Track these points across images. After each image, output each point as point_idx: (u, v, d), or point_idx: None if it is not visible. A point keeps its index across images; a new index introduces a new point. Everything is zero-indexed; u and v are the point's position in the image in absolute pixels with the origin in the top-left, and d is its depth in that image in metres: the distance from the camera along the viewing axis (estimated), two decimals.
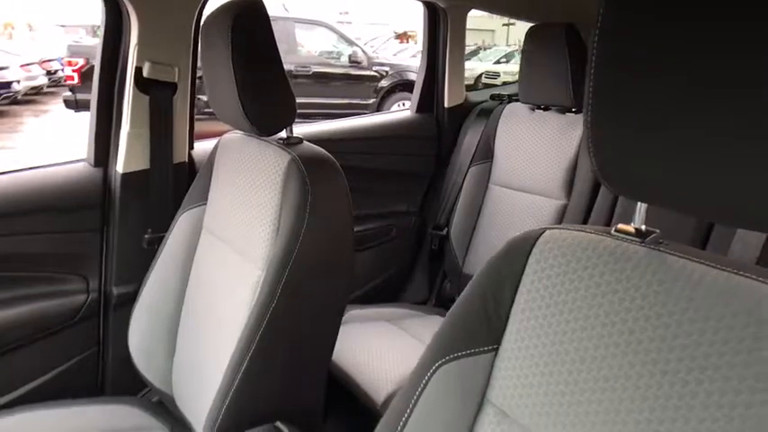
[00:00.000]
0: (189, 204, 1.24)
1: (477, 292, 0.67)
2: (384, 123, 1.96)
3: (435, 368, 0.66)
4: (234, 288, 1.04)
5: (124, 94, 1.32)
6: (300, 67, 8.21)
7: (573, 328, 0.58)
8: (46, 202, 1.31)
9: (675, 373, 0.50)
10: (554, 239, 0.62)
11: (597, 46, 0.48)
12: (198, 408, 1.04)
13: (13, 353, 1.29)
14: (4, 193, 1.27)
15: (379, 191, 1.91)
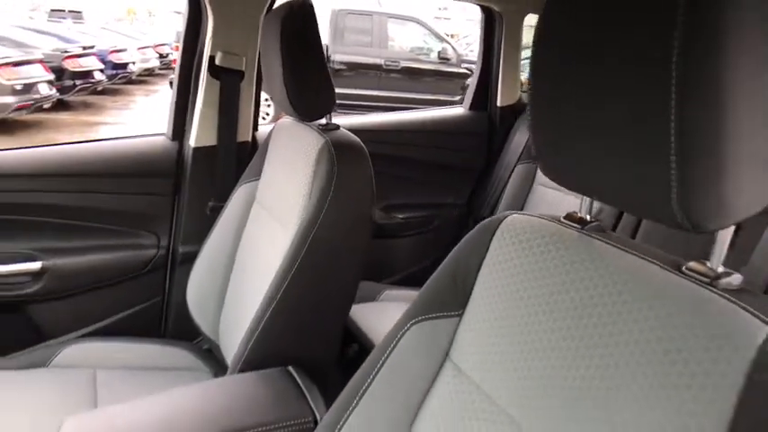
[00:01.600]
0: (246, 179, 1.40)
1: (451, 263, 0.76)
2: (437, 118, 2.06)
3: (409, 326, 0.76)
4: (270, 250, 1.19)
5: (199, 79, 1.52)
6: (390, 62, 8.39)
7: (521, 298, 0.66)
8: (130, 167, 1.54)
9: (587, 338, 0.57)
10: (514, 223, 0.71)
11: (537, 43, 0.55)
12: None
13: (92, 292, 1.53)
14: (98, 157, 1.51)
15: (425, 182, 2.01)
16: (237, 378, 1.02)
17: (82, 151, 1.54)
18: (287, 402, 0.94)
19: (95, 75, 8.61)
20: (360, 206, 1.10)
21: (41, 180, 1.45)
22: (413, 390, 0.75)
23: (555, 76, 0.54)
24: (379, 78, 8.39)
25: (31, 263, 1.46)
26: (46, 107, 7.31)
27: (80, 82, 8.26)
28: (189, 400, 0.95)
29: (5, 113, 6.39)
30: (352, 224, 1.10)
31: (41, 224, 1.48)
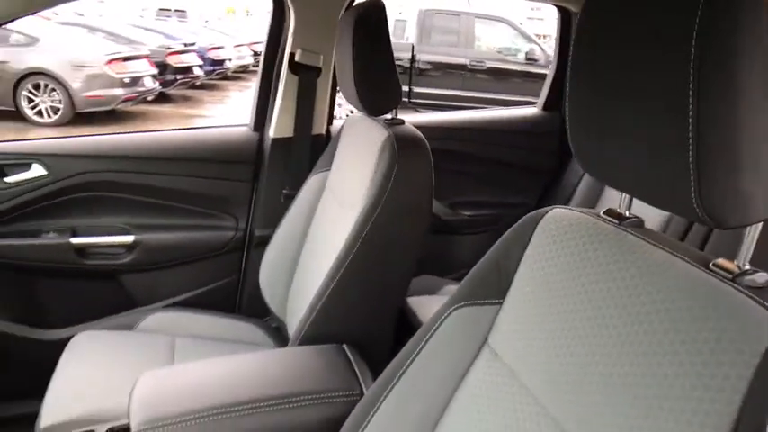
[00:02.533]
0: (318, 169, 1.49)
1: (494, 253, 0.80)
2: (509, 117, 2.07)
3: (451, 311, 0.80)
4: (335, 235, 1.27)
5: (280, 75, 1.63)
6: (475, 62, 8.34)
7: (558, 288, 0.68)
8: (216, 154, 1.68)
9: (620, 329, 0.59)
10: (556, 216, 0.73)
11: (576, 45, 0.58)
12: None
13: (176, 267, 1.69)
14: (187, 144, 1.66)
15: (495, 181, 2.02)
16: (294, 350, 1.11)
17: (173, 138, 1.69)
18: (337, 375, 1.01)
19: (194, 70, 9.18)
20: (418, 198, 1.15)
21: (138, 162, 1.62)
22: (450, 371, 0.79)
23: (590, 73, 0.57)
24: (464, 78, 8.37)
25: (125, 236, 1.64)
26: (149, 99, 7.92)
27: (180, 77, 8.85)
28: (248, 364, 1.05)
29: (114, 104, 6.98)
30: (409, 214, 1.15)
31: (136, 202, 1.65)
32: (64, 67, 6.63)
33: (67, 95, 6.65)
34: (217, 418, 0.88)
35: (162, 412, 0.87)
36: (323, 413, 0.93)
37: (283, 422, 0.91)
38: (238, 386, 0.95)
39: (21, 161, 1.55)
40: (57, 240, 1.59)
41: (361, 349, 1.12)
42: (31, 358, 1.51)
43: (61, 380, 1.21)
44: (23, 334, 1.59)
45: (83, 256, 1.63)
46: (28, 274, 1.61)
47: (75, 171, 1.58)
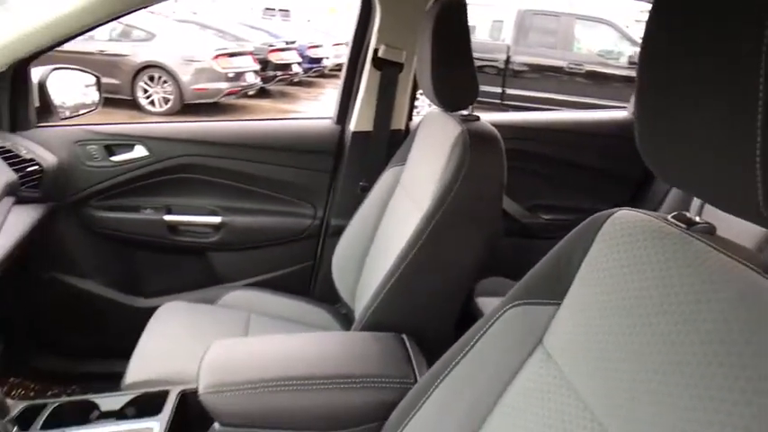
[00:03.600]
0: (394, 163, 1.52)
1: (556, 254, 0.78)
2: (596, 121, 1.99)
3: (507, 308, 0.80)
4: (403, 229, 1.29)
5: (364, 70, 1.67)
6: (573, 65, 8.06)
7: (618, 291, 0.66)
8: (299, 145, 1.76)
9: (681, 336, 0.57)
10: (622, 218, 0.71)
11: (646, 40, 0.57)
12: None
13: (257, 249, 1.79)
14: (274, 134, 1.76)
15: (578, 185, 1.96)
16: (355, 334, 1.14)
17: (262, 128, 1.79)
18: (393, 362, 1.03)
19: (293, 67, 9.56)
20: (487, 196, 1.15)
21: (229, 149, 1.73)
22: (502, 369, 0.79)
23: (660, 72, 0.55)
24: (560, 81, 8.11)
25: (214, 217, 1.76)
26: (250, 94, 8.33)
27: (280, 73, 9.25)
28: (311, 343, 1.09)
29: (218, 97, 7.43)
30: (477, 212, 1.15)
31: (224, 186, 1.76)
32: (176, 60, 7.16)
33: (178, 87, 7.16)
34: (275, 389, 0.93)
35: (226, 379, 0.93)
36: (376, 397, 0.96)
37: (337, 401, 0.95)
38: (299, 362, 1.00)
39: (126, 142, 1.70)
40: (153, 216, 1.74)
41: (419, 340, 1.13)
42: (122, 322, 1.66)
43: (146, 344, 1.32)
44: (119, 299, 1.76)
45: (174, 233, 1.76)
46: (126, 246, 1.77)
47: (173, 154, 1.71)
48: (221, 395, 0.91)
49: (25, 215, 1.47)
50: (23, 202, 1.48)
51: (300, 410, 0.94)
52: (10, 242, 1.32)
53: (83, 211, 1.71)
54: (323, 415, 0.95)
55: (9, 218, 1.36)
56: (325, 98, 9.94)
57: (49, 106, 1.65)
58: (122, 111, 6.79)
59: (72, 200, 1.68)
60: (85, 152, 1.67)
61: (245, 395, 0.92)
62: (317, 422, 0.94)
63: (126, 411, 1.05)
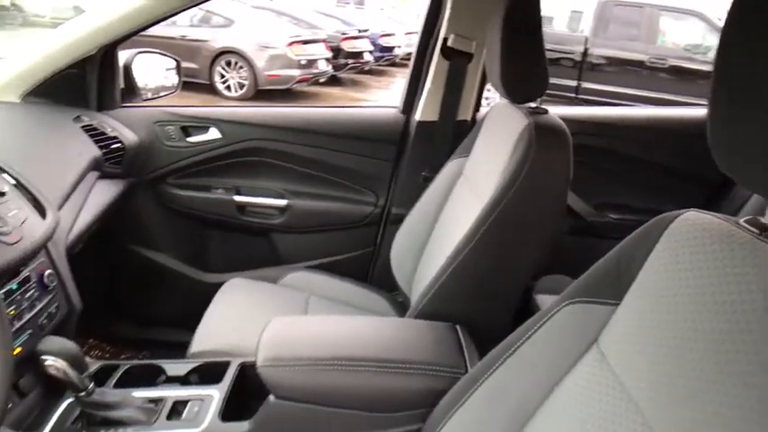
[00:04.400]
0: (457, 154, 1.51)
1: (617, 253, 0.76)
2: (676, 118, 1.89)
3: (563, 305, 0.79)
4: (463, 221, 1.28)
5: (432, 60, 1.67)
6: (656, 59, 7.66)
7: (680, 295, 0.64)
8: (364, 133, 1.78)
9: (743, 353, 0.54)
10: (689, 220, 0.68)
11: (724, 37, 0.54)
12: None
13: (319, 233, 1.83)
14: (341, 121, 1.79)
15: (650, 185, 1.88)
16: (409, 321, 1.15)
17: (329, 115, 1.83)
18: (445, 351, 1.03)
19: (365, 56, 9.62)
20: (551, 191, 1.12)
21: (297, 134, 1.78)
22: (554, 365, 0.78)
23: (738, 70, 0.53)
24: (640, 76, 7.73)
25: (280, 200, 1.82)
26: (321, 81, 8.47)
27: (352, 61, 9.33)
28: (365, 326, 1.12)
29: (290, 84, 7.60)
30: (539, 207, 1.13)
31: (291, 170, 1.81)
32: (252, 47, 7.37)
33: (252, 73, 7.38)
34: (329, 368, 0.96)
35: (283, 354, 0.97)
36: (426, 384, 0.97)
37: (388, 384, 0.96)
38: (354, 344, 1.02)
39: (202, 125, 1.79)
40: (223, 196, 1.82)
41: (473, 332, 1.13)
42: (190, 295, 1.75)
43: (211, 317, 1.39)
44: (188, 273, 1.86)
45: (242, 213, 1.84)
46: (198, 223, 1.86)
47: (245, 137, 1.78)
48: (278, 369, 0.95)
49: (107, 189, 1.57)
50: (106, 177, 1.59)
51: (352, 390, 0.96)
52: (93, 214, 1.42)
53: (159, 188, 1.81)
54: (373, 397, 0.97)
55: (93, 191, 1.46)
56: (395, 87, 9.95)
57: (132, 88, 1.75)
58: (199, 94, 7.09)
59: (150, 177, 1.79)
60: (164, 132, 1.77)
61: (300, 371, 0.95)
62: (366, 403, 0.97)
63: (190, 378, 1.11)
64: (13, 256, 0.96)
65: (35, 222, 1.06)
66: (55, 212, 1.15)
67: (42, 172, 1.23)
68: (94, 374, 1.07)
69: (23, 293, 1.02)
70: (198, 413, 0.99)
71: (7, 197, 1.03)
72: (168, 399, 1.02)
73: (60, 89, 1.58)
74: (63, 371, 0.93)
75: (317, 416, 0.96)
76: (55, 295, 1.11)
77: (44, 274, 1.08)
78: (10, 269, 0.97)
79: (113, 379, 1.09)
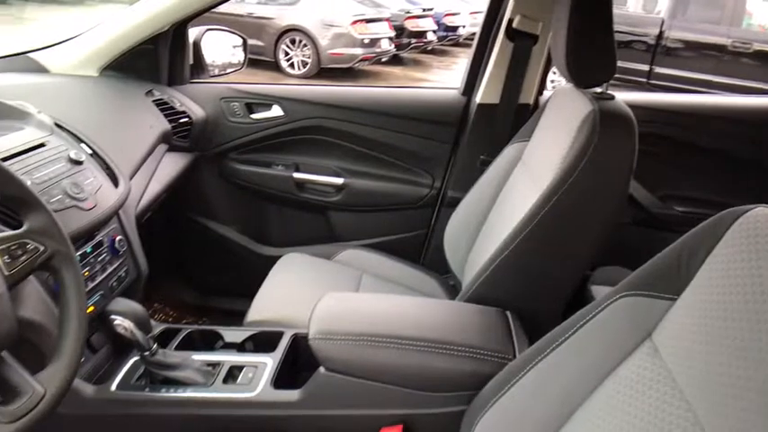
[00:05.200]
0: (517, 138, 1.49)
1: (678, 246, 0.73)
2: (752, 107, 1.78)
3: (618, 297, 0.77)
4: (519, 207, 1.27)
5: (496, 41, 1.63)
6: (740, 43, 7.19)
7: (742, 294, 0.62)
8: (423, 114, 1.77)
9: None
10: (757, 217, 0.65)
11: None
12: None
13: (374, 213, 1.86)
14: (399, 101, 1.79)
15: (720, 178, 1.78)
16: (460, 305, 1.16)
17: (389, 95, 1.83)
18: (493, 336, 1.03)
19: (428, 35, 9.50)
20: (612, 180, 1.09)
21: (356, 113, 1.79)
22: (604, 356, 0.76)
23: None
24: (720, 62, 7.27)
25: (336, 178, 1.85)
26: (383, 60, 8.45)
27: (414, 41, 9.24)
28: (417, 306, 1.13)
29: (352, 63, 7.62)
30: (598, 197, 1.09)
31: (349, 149, 1.84)
32: (316, 25, 7.43)
33: (316, 51, 7.45)
34: (378, 344, 0.98)
35: (334, 328, 1.00)
36: (473, 367, 0.97)
37: (435, 364, 0.98)
38: (404, 322, 1.04)
39: (265, 102, 1.83)
40: (283, 173, 1.87)
41: (523, 319, 1.12)
42: (249, 266, 1.82)
43: (267, 289, 1.44)
44: (247, 246, 1.93)
45: (301, 190, 1.88)
46: (258, 198, 1.92)
47: (306, 115, 1.81)
48: (328, 342, 0.98)
49: (175, 162, 1.65)
50: (174, 150, 1.66)
51: (399, 368, 0.98)
52: (161, 185, 1.49)
53: (223, 162, 1.88)
54: (419, 375, 0.98)
55: (162, 163, 1.53)
56: (457, 67, 9.79)
57: (201, 64, 1.82)
58: (264, 72, 7.23)
59: (214, 151, 1.85)
60: (229, 108, 1.83)
61: (349, 345, 0.98)
62: (412, 381, 0.98)
63: (245, 345, 1.16)
64: (88, 222, 1.03)
65: (108, 190, 1.12)
66: (127, 182, 1.21)
67: (116, 143, 1.30)
68: (158, 336, 1.13)
69: (96, 257, 1.09)
70: (252, 379, 1.04)
71: (84, 166, 1.10)
72: (225, 363, 1.08)
73: (134, 64, 1.65)
74: (130, 330, 0.99)
75: (364, 390, 0.99)
76: (125, 260, 1.18)
77: (115, 239, 1.15)
78: (85, 234, 1.04)
79: (175, 341, 1.15)
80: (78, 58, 1.57)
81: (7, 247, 0.73)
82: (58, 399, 0.73)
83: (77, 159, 1.08)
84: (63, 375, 0.75)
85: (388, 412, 1.00)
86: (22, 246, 0.75)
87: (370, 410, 1.00)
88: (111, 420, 1.01)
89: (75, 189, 1.03)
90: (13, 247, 0.73)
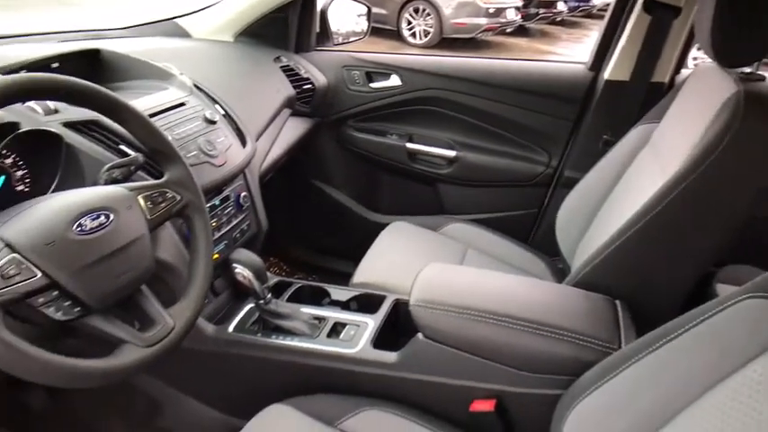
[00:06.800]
0: (647, 119, 1.38)
1: None
2: None
3: (743, 297, 0.71)
4: (644, 190, 1.17)
5: (631, 13, 1.52)
6: None
7: None
8: (544, 88, 1.71)
9: None
10: None
11: None
12: None
13: (485, 188, 1.84)
14: (519, 74, 1.74)
15: None
16: (567, 288, 1.12)
17: (509, 67, 1.78)
18: (600, 324, 1.00)
19: (558, 5, 9.03)
20: (751, 171, 0.99)
21: (473, 85, 1.77)
22: (719, 360, 0.71)
23: None
24: None
25: (449, 150, 1.85)
26: (508, 31, 8.16)
27: (543, 11, 8.83)
28: (521, 285, 1.11)
29: (475, 33, 7.45)
30: (733, 186, 1.00)
31: (463, 121, 1.82)
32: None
33: (439, 20, 7.36)
34: (478, 318, 0.98)
35: (435, 297, 1.02)
36: (575, 352, 0.95)
37: (536, 345, 0.96)
38: (507, 300, 1.03)
39: (384, 71, 1.86)
40: (396, 142, 1.90)
41: (633, 310, 1.07)
42: (358, 231, 1.88)
43: (374, 253, 1.49)
44: (358, 211, 2.00)
45: (412, 160, 1.90)
46: (370, 165, 1.98)
47: (423, 86, 1.82)
48: (428, 310, 1.00)
49: (297, 126, 1.73)
50: (296, 115, 1.74)
51: (498, 344, 0.98)
52: (283, 148, 1.58)
53: (340, 129, 1.94)
54: (518, 354, 0.97)
55: (285, 127, 1.62)
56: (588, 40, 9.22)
57: (326, 32, 1.88)
58: (384, 40, 7.28)
59: (333, 118, 1.92)
60: (350, 76, 1.88)
61: (449, 316, 0.99)
62: (510, 359, 0.98)
63: (350, 304, 1.22)
64: (218, 177, 1.12)
65: (237, 149, 1.21)
66: (253, 142, 1.30)
67: (246, 105, 1.40)
68: (272, 287, 1.22)
69: (223, 210, 1.19)
70: (353, 336, 1.09)
71: (217, 125, 1.19)
72: (330, 319, 1.14)
73: (265, 31, 1.74)
74: (249, 279, 1.08)
75: (460, 361, 1.00)
76: (247, 215, 1.27)
77: (240, 195, 1.25)
78: (215, 188, 1.14)
79: (287, 294, 1.23)
80: (216, 25, 1.69)
81: (150, 195, 0.82)
82: (185, 332, 0.82)
83: (212, 119, 1.18)
84: (190, 312, 0.83)
85: (481, 385, 1.00)
86: (162, 194, 0.84)
87: (463, 381, 1.01)
88: (225, 358, 1.11)
89: (208, 146, 1.12)
90: (154, 195, 0.82)
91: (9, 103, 0.71)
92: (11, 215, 0.70)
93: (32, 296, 0.65)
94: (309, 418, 0.96)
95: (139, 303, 0.79)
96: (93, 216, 0.72)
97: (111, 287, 0.73)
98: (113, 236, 0.74)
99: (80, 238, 0.70)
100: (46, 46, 1.23)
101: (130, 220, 0.77)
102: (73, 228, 0.70)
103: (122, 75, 1.23)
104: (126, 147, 0.97)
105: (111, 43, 1.32)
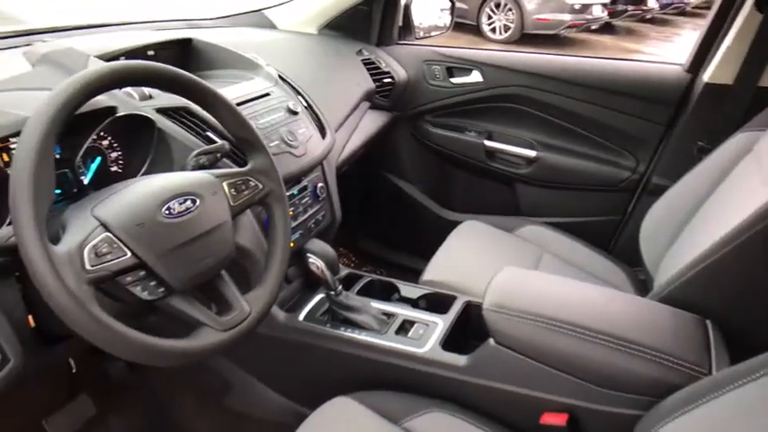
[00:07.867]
0: (750, 126, 1.27)
1: None
2: None
3: None
4: (744, 204, 1.07)
5: (741, 10, 1.40)
6: None
7: None
8: (635, 89, 1.61)
9: None
10: None
11: None
12: None
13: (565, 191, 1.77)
14: (608, 74, 1.65)
15: None
16: (652, 303, 1.05)
17: (597, 66, 1.70)
18: (688, 345, 0.93)
19: (649, 2, 8.58)
20: None
21: (558, 84, 1.70)
22: None
23: None
24: None
25: (529, 150, 1.79)
26: (593, 28, 7.84)
27: (632, 8, 8.41)
28: (603, 296, 1.05)
29: (559, 29, 7.20)
30: None
31: (545, 121, 1.75)
32: None
33: (520, 16, 7.17)
34: (555, 328, 0.94)
35: (511, 303, 0.98)
36: (659, 373, 0.89)
37: (615, 361, 0.91)
38: (585, 312, 0.98)
39: (465, 66, 1.82)
40: (474, 139, 1.86)
41: (726, 333, 0.99)
42: (430, 228, 1.86)
43: (445, 251, 1.47)
44: (431, 207, 1.98)
45: (490, 159, 1.86)
46: (446, 162, 1.95)
47: (505, 83, 1.77)
48: (502, 316, 0.97)
49: (375, 119, 1.73)
50: (375, 108, 1.74)
51: (574, 357, 0.93)
52: (361, 140, 1.58)
53: (418, 123, 1.93)
54: (595, 370, 0.93)
55: (363, 120, 1.62)
56: (680, 40, 8.72)
57: (409, 26, 1.87)
58: (463, 35, 7.18)
59: (411, 112, 1.90)
60: (430, 71, 1.85)
61: (524, 323, 0.95)
62: (586, 374, 0.93)
63: (419, 302, 1.20)
64: (298, 167, 1.13)
65: (317, 141, 1.22)
66: (332, 134, 1.31)
67: (327, 97, 1.41)
68: (343, 279, 1.22)
69: (300, 199, 1.20)
70: (422, 335, 1.08)
71: (299, 117, 1.21)
72: (399, 315, 1.13)
73: (349, 24, 1.75)
74: (321, 270, 1.09)
75: (533, 370, 0.96)
76: (323, 205, 1.28)
77: (317, 186, 1.26)
78: (294, 178, 1.15)
79: (357, 286, 1.23)
80: (302, 17, 1.71)
81: (234, 182, 0.83)
82: (260, 319, 0.83)
83: (294, 110, 1.19)
84: (266, 300, 0.85)
85: (553, 398, 0.96)
86: (246, 182, 0.85)
87: (534, 391, 0.97)
88: (294, 345, 1.13)
89: (290, 137, 1.14)
90: (238, 182, 0.84)
91: (109, 89, 0.74)
92: (105, 195, 0.73)
93: (121, 275, 0.68)
94: (374, 414, 0.95)
95: (218, 287, 0.81)
96: (181, 200, 0.74)
97: (193, 270, 0.75)
98: (199, 220, 0.76)
99: (168, 221, 0.72)
100: (143, 34, 1.29)
101: (215, 206, 0.79)
102: (162, 211, 0.72)
103: (211, 64, 1.27)
104: (213, 134, 0.99)
105: (202, 33, 1.36)
